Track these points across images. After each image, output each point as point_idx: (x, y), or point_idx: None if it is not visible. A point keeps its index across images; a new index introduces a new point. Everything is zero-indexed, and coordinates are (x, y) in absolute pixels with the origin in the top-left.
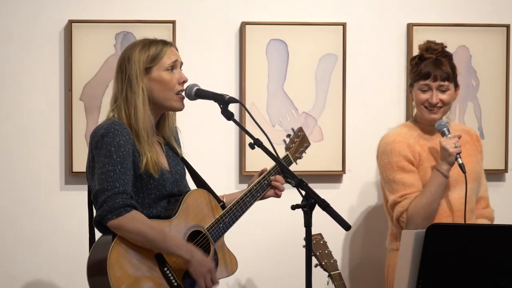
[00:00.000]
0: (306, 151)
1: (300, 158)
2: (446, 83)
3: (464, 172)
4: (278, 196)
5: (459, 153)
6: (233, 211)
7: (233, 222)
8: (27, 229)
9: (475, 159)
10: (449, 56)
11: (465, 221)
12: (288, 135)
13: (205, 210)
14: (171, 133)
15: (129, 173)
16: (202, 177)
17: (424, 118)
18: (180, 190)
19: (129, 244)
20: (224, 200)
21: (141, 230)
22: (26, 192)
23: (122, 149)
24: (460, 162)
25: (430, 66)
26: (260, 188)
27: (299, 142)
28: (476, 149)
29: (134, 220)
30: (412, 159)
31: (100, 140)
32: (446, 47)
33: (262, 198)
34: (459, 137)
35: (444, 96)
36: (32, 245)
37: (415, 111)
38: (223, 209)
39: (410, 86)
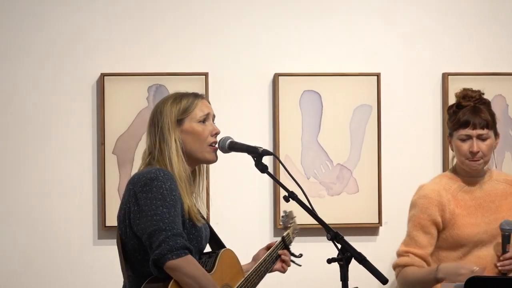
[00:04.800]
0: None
1: (295, 237)
2: (485, 131)
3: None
4: (284, 271)
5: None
6: (252, 279)
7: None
8: (60, 283)
9: None
10: (487, 103)
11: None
12: (283, 216)
13: (234, 270)
14: (200, 191)
15: (179, 218)
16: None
17: (466, 168)
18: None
19: None
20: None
21: (196, 275)
22: (59, 247)
23: (174, 193)
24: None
25: (469, 114)
26: (271, 260)
27: (293, 223)
28: None
29: (191, 264)
30: (438, 220)
31: (148, 183)
32: (483, 94)
33: (270, 271)
34: None
35: (484, 146)
36: None
37: (455, 160)
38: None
39: (449, 136)
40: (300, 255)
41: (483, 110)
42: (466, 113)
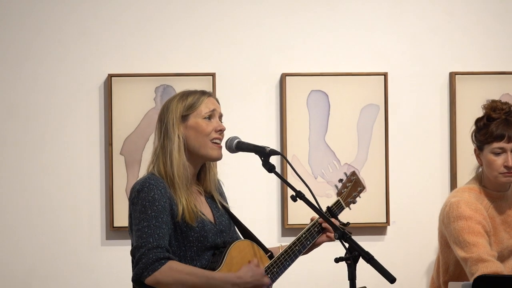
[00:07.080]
0: (361, 195)
1: (353, 203)
2: None
3: None
4: (332, 238)
5: None
6: (281, 261)
7: (282, 272)
8: (69, 284)
9: None
10: None
11: None
12: (341, 180)
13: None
14: (213, 185)
15: (164, 227)
16: (247, 227)
17: (499, 182)
18: (225, 241)
19: None
20: (280, 250)
21: (180, 279)
22: (68, 247)
23: (156, 203)
24: None
25: (502, 126)
26: (310, 235)
27: (351, 186)
28: None
29: (171, 271)
30: (488, 230)
31: (136, 196)
32: None
33: (315, 245)
34: None
35: None
36: None
37: (478, 170)
38: (270, 259)
39: (478, 149)
40: (348, 224)
41: None
42: (500, 126)
